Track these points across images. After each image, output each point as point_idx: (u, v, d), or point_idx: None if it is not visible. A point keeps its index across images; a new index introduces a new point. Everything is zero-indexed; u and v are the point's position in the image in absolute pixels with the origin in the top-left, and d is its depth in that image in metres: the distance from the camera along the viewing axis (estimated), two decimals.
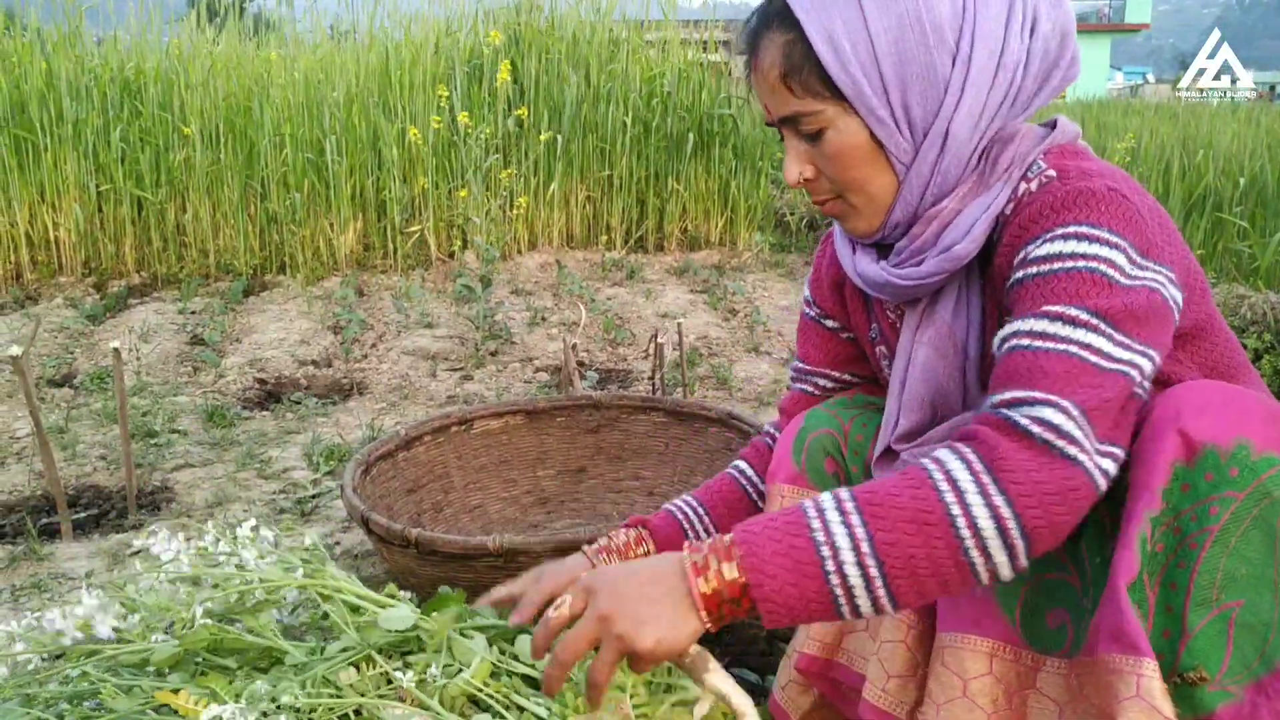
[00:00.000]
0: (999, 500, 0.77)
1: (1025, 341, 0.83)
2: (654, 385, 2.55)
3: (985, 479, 0.78)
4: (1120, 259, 0.83)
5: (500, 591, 1.04)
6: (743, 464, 1.26)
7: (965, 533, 0.77)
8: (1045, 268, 0.85)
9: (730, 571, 0.80)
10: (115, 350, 2.10)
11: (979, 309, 0.99)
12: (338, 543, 2.04)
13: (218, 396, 3.17)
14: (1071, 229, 0.85)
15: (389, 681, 0.99)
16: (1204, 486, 0.77)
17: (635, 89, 5.51)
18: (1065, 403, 0.78)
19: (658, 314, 4.28)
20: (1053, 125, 0.97)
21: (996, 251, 0.94)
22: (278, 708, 0.93)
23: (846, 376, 1.23)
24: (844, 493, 0.82)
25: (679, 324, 2.61)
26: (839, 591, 0.79)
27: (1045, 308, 0.83)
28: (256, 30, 6.93)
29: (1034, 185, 0.92)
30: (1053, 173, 0.91)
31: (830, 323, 1.22)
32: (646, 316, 4.22)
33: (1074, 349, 0.81)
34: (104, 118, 4.93)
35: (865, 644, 1.09)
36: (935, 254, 0.96)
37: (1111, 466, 0.79)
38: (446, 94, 5.05)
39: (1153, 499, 0.78)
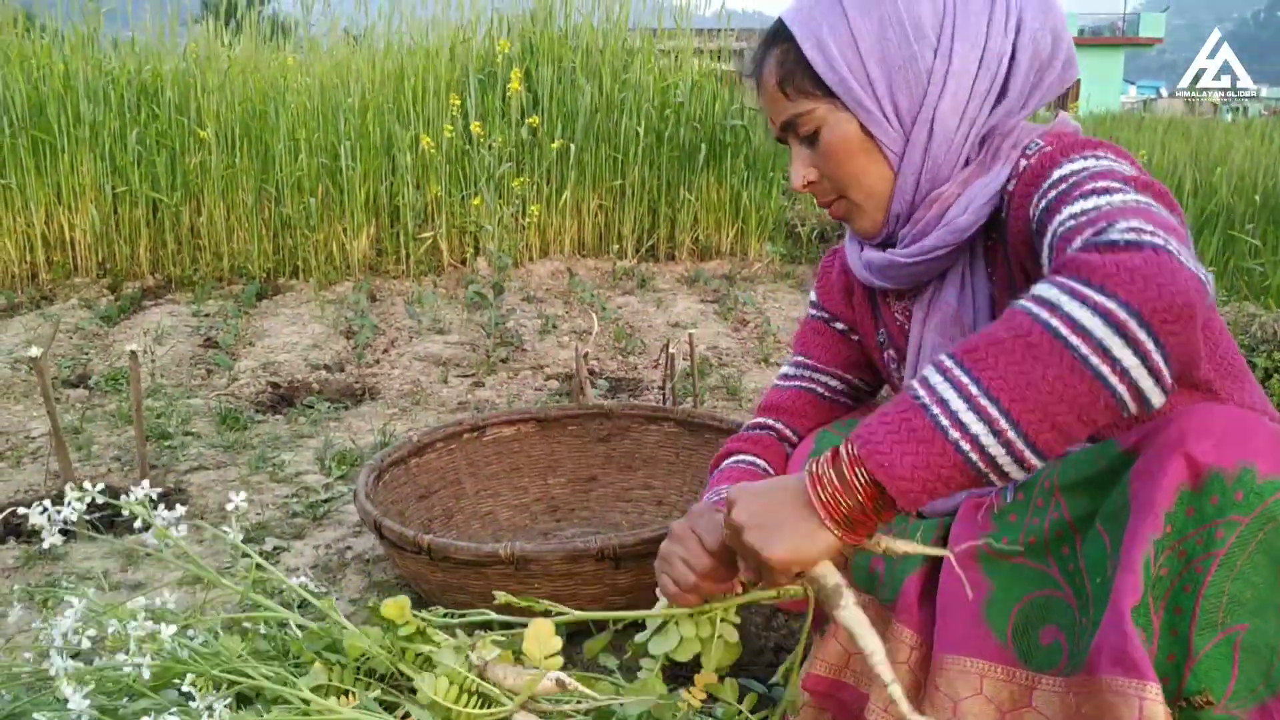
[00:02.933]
0: (1098, 297, 0.71)
1: (1070, 223, 0.82)
2: (665, 395, 2.56)
3: (1077, 286, 0.73)
4: (1128, 170, 0.87)
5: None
6: (748, 456, 1.22)
7: (1074, 340, 0.71)
8: (1062, 186, 0.88)
9: (843, 472, 0.80)
10: (132, 353, 2.12)
11: (985, 292, 1.02)
12: (349, 547, 2.05)
13: (231, 399, 3.19)
14: (1077, 157, 0.90)
15: None
16: (1210, 510, 0.76)
17: (648, 99, 5.53)
18: (1136, 219, 0.76)
19: (668, 323, 4.29)
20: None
21: (1006, 222, 0.97)
22: None
23: (856, 381, 1.24)
24: (943, 355, 0.79)
25: (690, 334, 2.62)
26: (965, 446, 0.75)
27: (1076, 195, 0.84)
28: (272, 34, 6.97)
29: (1033, 159, 0.96)
30: (1049, 147, 0.96)
31: (839, 324, 1.24)
32: (657, 326, 4.24)
33: (1118, 200, 0.80)
34: (121, 120, 4.97)
35: None
36: (938, 230, 1.01)
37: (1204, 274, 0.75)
38: (460, 102, 5.08)
39: (1156, 521, 0.77)
